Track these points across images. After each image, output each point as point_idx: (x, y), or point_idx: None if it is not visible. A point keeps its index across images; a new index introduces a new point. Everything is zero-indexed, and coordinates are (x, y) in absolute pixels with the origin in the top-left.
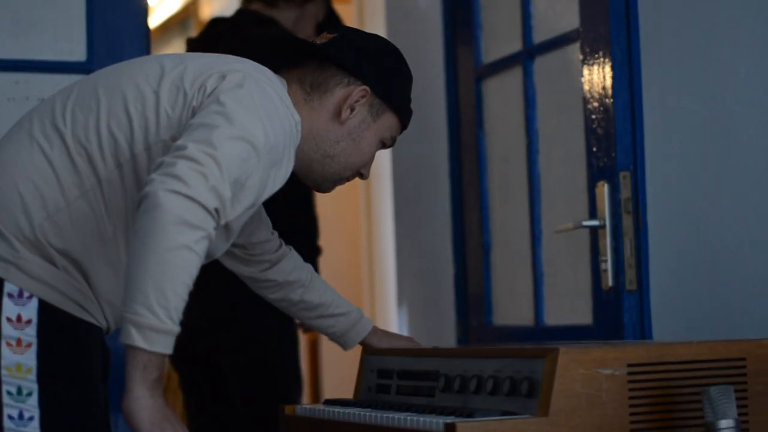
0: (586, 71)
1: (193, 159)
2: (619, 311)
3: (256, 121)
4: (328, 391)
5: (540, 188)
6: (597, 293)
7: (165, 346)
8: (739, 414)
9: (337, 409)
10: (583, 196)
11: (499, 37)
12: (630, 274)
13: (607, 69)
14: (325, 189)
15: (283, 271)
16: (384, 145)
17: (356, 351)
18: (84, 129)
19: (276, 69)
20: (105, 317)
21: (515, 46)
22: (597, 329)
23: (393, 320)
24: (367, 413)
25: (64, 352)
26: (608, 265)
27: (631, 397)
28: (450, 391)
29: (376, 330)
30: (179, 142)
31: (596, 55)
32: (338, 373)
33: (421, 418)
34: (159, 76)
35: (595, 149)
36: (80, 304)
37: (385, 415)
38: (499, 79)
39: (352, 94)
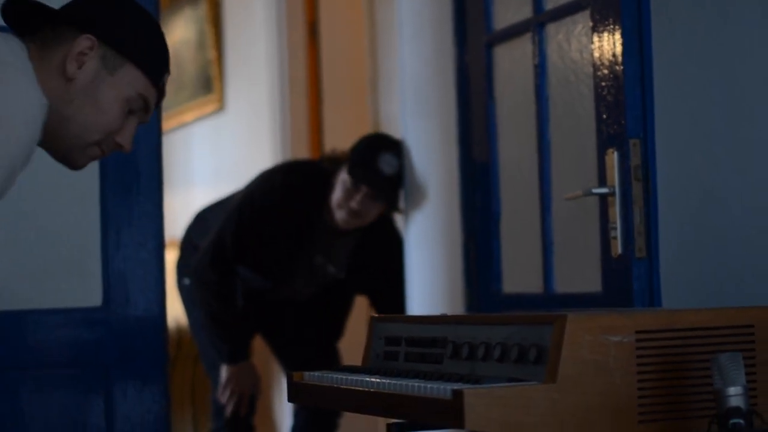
0: (596, 38)
1: None
2: (628, 279)
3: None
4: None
5: (550, 155)
6: (606, 261)
7: None
8: (747, 381)
9: (345, 375)
10: (593, 163)
11: (509, 4)
12: (639, 242)
13: (617, 36)
14: (76, 161)
15: None
16: (132, 108)
17: (367, 318)
18: None
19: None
20: None
21: (526, 12)
22: (606, 297)
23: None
24: (375, 380)
25: None
26: (618, 233)
27: (639, 364)
28: (458, 358)
29: None
30: None
31: (606, 22)
32: (349, 339)
33: (429, 385)
34: None
35: (604, 116)
36: None
37: (392, 381)
38: (509, 45)
39: (74, 44)
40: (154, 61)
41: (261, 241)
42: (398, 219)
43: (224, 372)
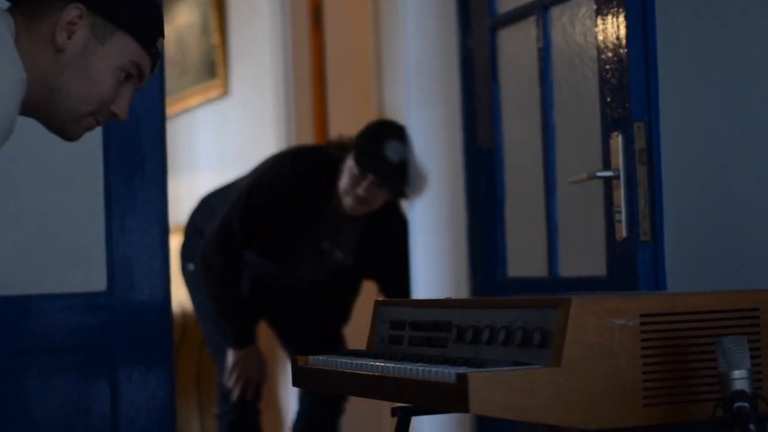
0: (600, 21)
1: None
2: (633, 262)
3: None
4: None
5: (554, 139)
6: (611, 244)
7: None
8: (752, 364)
9: (349, 359)
10: (597, 146)
11: None
12: (644, 225)
13: (622, 19)
14: (71, 132)
15: None
16: (129, 75)
17: (372, 303)
18: None
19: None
20: None
21: None
22: (611, 280)
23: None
24: (380, 364)
25: None
26: (622, 216)
27: (643, 348)
28: (462, 341)
29: None
30: None
31: (610, 5)
32: (354, 323)
33: (434, 369)
34: None
35: (609, 100)
36: None
37: (397, 365)
38: (513, 29)
39: (62, 15)
40: (146, 27)
41: (268, 226)
42: (403, 204)
43: (231, 357)
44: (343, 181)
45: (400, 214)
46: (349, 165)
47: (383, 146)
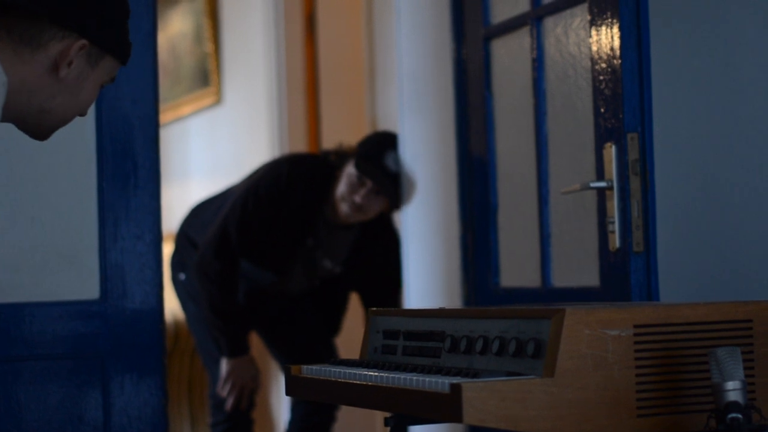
0: (594, 32)
1: None
2: (626, 273)
3: None
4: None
5: (547, 149)
6: (604, 255)
7: None
8: (746, 375)
9: (343, 369)
10: (591, 157)
11: None
12: (637, 236)
13: (615, 30)
14: (43, 138)
15: None
16: (102, 87)
17: (363, 313)
18: None
19: None
20: None
21: (523, 6)
22: (604, 291)
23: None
24: (373, 373)
25: None
26: (615, 227)
27: (637, 358)
28: (456, 351)
29: None
30: None
31: (604, 16)
32: (349, 334)
33: (427, 379)
34: None
35: (602, 110)
36: None
37: (390, 375)
38: (507, 39)
39: (70, 50)
40: (127, 47)
41: (264, 231)
42: (396, 214)
43: (224, 365)
44: (341, 188)
45: (393, 230)
46: (349, 172)
47: (384, 155)
